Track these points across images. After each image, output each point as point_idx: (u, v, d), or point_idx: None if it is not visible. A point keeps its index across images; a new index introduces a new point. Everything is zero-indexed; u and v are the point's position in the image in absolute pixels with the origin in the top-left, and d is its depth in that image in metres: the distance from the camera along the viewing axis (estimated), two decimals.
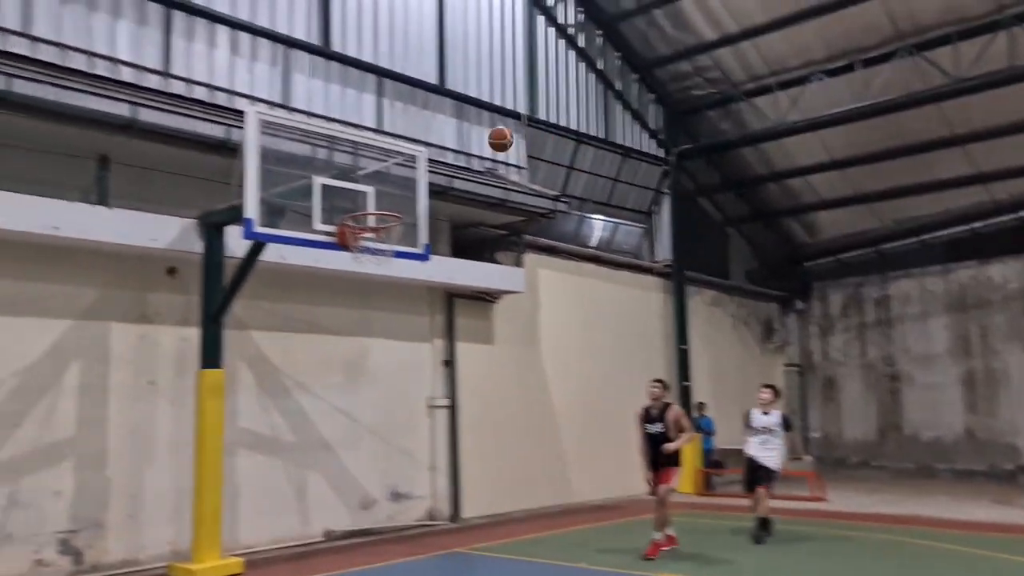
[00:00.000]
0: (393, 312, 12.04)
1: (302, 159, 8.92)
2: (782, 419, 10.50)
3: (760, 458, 10.28)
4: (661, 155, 17.76)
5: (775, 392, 10.75)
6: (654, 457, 9.35)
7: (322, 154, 9.67)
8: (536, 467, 13.71)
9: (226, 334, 9.10)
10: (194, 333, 9.19)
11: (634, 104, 17.27)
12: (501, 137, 9.87)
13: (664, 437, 9.30)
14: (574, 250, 15.49)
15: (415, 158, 9.07)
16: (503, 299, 13.40)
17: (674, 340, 17.19)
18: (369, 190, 8.54)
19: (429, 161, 9.40)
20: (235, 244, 8.76)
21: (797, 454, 11.13)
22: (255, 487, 10.08)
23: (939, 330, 19.29)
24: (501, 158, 14.02)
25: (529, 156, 14.72)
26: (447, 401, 12.55)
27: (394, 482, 11.74)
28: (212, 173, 9.12)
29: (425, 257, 9.05)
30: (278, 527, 10.29)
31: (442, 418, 12.50)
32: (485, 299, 13.21)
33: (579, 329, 15.12)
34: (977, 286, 18.87)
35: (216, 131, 9.21)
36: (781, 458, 10.41)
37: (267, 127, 8.11)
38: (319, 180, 8.24)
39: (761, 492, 10.20)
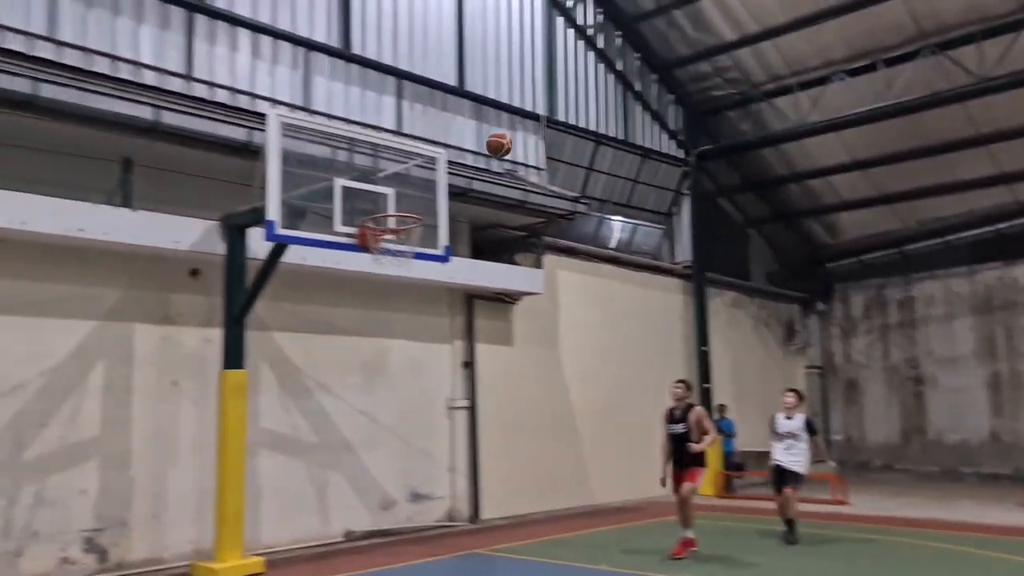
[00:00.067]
0: (413, 313, 12.08)
1: (323, 161, 8.98)
2: (806, 423, 10.53)
3: (785, 463, 10.33)
4: (681, 156, 17.69)
5: (799, 396, 10.79)
6: (678, 456, 9.37)
7: (342, 156, 9.74)
8: (556, 468, 13.69)
9: (248, 335, 9.17)
10: (217, 334, 9.27)
11: (653, 105, 17.23)
12: (499, 141, 9.60)
13: (687, 437, 9.31)
14: (593, 251, 15.46)
15: (435, 160, 9.10)
16: (522, 300, 13.41)
17: (694, 342, 17.12)
18: (389, 192, 8.58)
19: (449, 163, 9.44)
20: (257, 246, 8.83)
21: (820, 456, 11.02)
22: (276, 487, 10.14)
23: (964, 332, 19.06)
24: (520, 160, 14.06)
25: (548, 157, 14.71)
26: (467, 402, 12.57)
27: (414, 483, 11.78)
28: (234, 175, 9.19)
29: (445, 259, 9.07)
30: (299, 527, 10.35)
31: (462, 419, 12.52)
32: (504, 300, 13.22)
33: (598, 331, 15.09)
34: (1002, 287, 18.62)
35: (238, 134, 9.29)
36: (806, 463, 10.42)
37: (288, 129, 8.17)
38: (339, 182, 8.29)
39: (789, 493, 10.23)
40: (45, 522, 8.35)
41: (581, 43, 15.77)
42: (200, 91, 10.16)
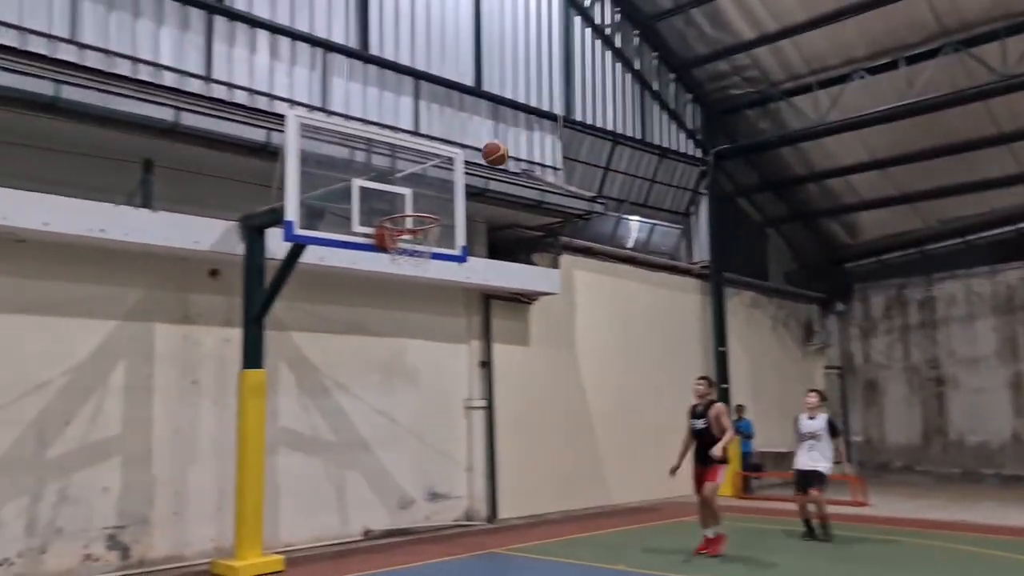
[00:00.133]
0: (430, 313, 12.11)
1: (341, 162, 9.02)
2: (828, 424, 10.56)
3: (807, 465, 10.39)
4: (699, 155, 17.63)
5: (821, 396, 10.87)
6: (700, 454, 9.40)
7: (360, 157, 9.77)
8: (573, 468, 13.68)
9: (267, 335, 9.23)
10: (236, 334, 9.33)
11: (671, 104, 17.17)
12: (494, 152, 9.23)
13: (706, 432, 9.36)
14: (610, 251, 15.43)
15: (452, 160, 9.12)
16: (539, 300, 13.40)
17: (712, 342, 17.04)
18: (407, 192, 8.61)
19: (466, 163, 9.45)
20: (276, 246, 8.87)
21: (839, 458, 10.96)
22: (296, 486, 10.19)
23: (986, 332, 18.86)
24: (537, 159, 14.07)
25: (565, 157, 14.70)
26: (484, 402, 12.58)
27: (432, 482, 11.81)
28: (253, 176, 9.27)
29: (462, 259, 9.09)
30: (318, 526, 10.40)
31: (479, 419, 12.53)
32: (521, 300, 13.22)
33: (615, 331, 15.05)
34: None
35: (257, 135, 9.34)
36: (829, 463, 10.44)
37: (306, 130, 8.21)
38: (357, 182, 8.32)
39: (815, 495, 10.32)
40: (68, 519, 8.44)
41: (598, 42, 15.74)
42: (219, 92, 10.25)
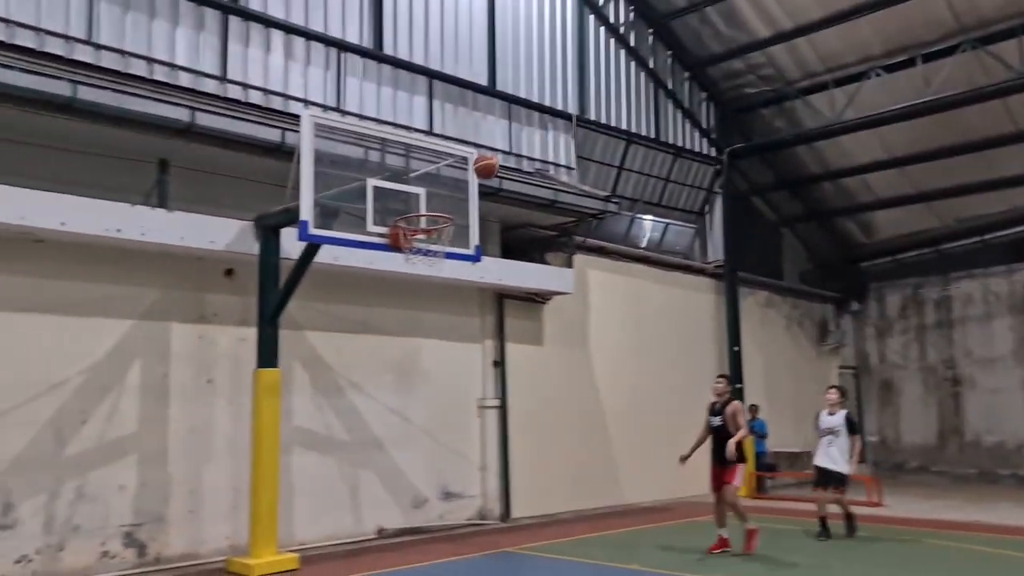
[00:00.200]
0: (444, 313, 12.12)
1: (355, 161, 9.03)
2: (846, 420, 10.62)
3: (826, 464, 10.50)
4: (713, 154, 17.56)
5: (841, 392, 10.98)
6: (717, 452, 9.41)
7: (374, 156, 9.77)
8: (586, 468, 13.66)
9: (281, 334, 9.26)
10: (251, 333, 9.37)
11: (685, 103, 17.11)
12: (487, 168, 8.99)
13: (723, 430, 9.40)
14: (624, 251, 15.39)
15: (466, 159, 9.12)
16: (553, 300, 13.38)
17: (726, 342, 16.97)
18: (421, 192, 8.62)
19: None
20: (290, 246, 8.91)
21: (855, 455, 10.91)
22: (310, 485, 10.23)
23: (1003, 332, 18.69)
24: (551, 159, 14.06)
25: (579, 156, 14.67)
26: (497, 401, 12.59)
27: (445, 481, 11.82)
28: (268, 176, 9.31)
29: (476, 258, 9.09)
30: (332, 524, 10.43)
31: (492, 418, 12.54)
32: (535, 300, 13.21)
33: (629, 330, 15.02)
34: None
35: (272, 135, 9.37)
36: (847, 460, 10.47)
37: (321, 130, 8.24)
38: (372, 182, 8.34)
39: (838, 496, 10.55)
40: (85, 517, 8.50)
41: (612, 41, 15.70)
42: (234, 92, 10.30)
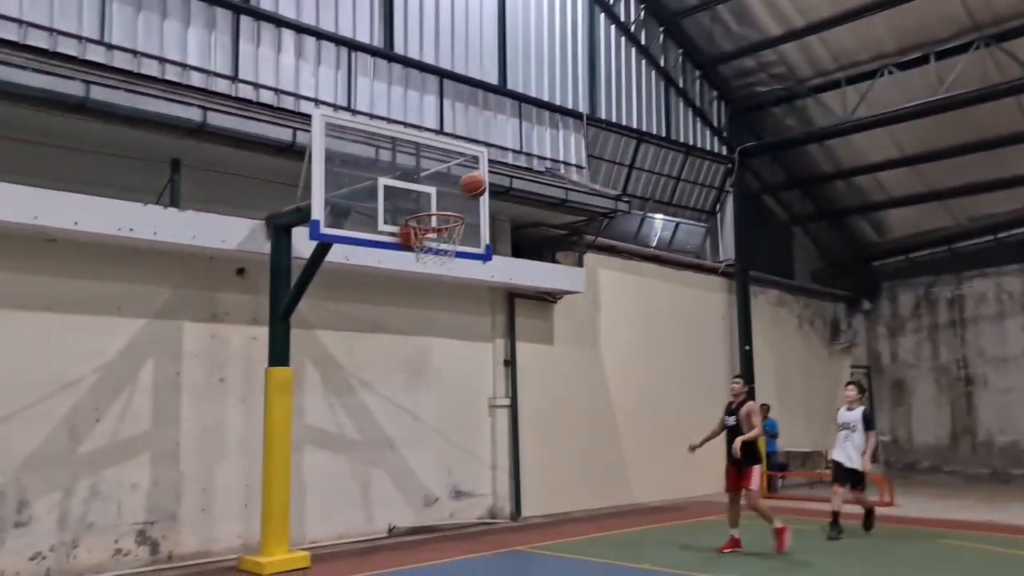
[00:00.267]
0: (455, 312, 12.13)
1: (366, 161, 9.06)
2: (863, 416, 10.70)
3: (844, 461, 10.61)
4: (724, 153, 17.51)
5: (859, 389, 11.17)
6: (731, 451, 9.42)
7: (385, 155, 9.79)
8: (596, 467, 13.65)
9: (293, 333, 9.28)
10: (262, 332, 9.40)
11: (696, 101, 17.06)
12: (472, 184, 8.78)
13: (737, 430, 9.43)
14: (635, 250, 15.36)
15: (476, 158, 9.12)
16: (563, 299, 13.37)
17: (737, 341, 16.93)
18: (431, 191, 8.62)
19: (490, 161, 9.44)
20: (302, 245, 8.92)
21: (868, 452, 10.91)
22: (321, 483, 10.26)
23: (1016, 331, 18.56)
24: (562, 158, 14.05)
25: (589, 155, 14.66)
26: (508, 400, 12.59)
27: (456, 480, 11.84)
28: (279, 175, 9.34)
29: (487, 257, 9.09)
30: (343, 522, 10.46)
31: (503, 417, 12.54)
32: (546, 299, 13.21)
33: (639, 329, 14.99)
34: None
35: (283, 134, 9.39)
36: (861, 456, 10.54)
37: (332, 129, 8.26)
38: (382, 181, 8.35)
39: (858, 496, 10.69)
40: (99, 514, 8.56)
41: (623, 39, 15.67)
42: (246, 92, 10.33)
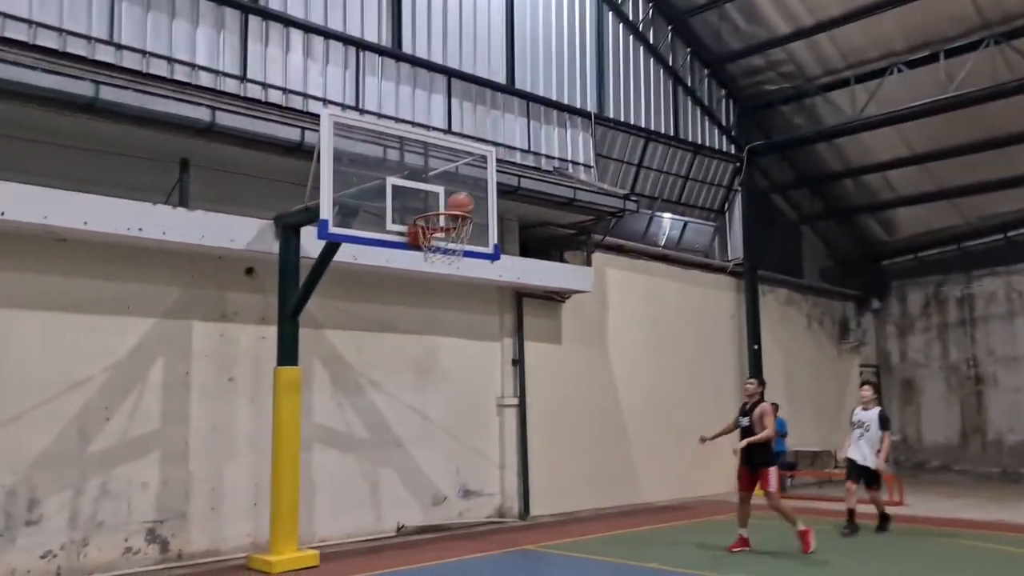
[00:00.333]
0: (463, 311, 12.13)
1: (374, 160, 9.07)
2: (879, 416, 10.82)
3: (860, 459, 10.74)
4: (733, 152, 17.46)
5: (874, 388, 11.40)
6: (747, 454, 9.47)
7: (393, 155, 9.80)
8: (605, 466, 13.64)
9: (301, 333, 9.30)
10: (271, 331, 9.43)
11: (705, 100, 17.02)
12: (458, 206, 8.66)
13: (749, 430, 9.49)
14: (643, 249, 15.34)
15: (484, 158, 9.12)
16: (571, 298, 13.36)
17: (745, 340, 16.89)
18: (439, 190, 8.63)
19: (498, 161, 9.45)
20: (310, 244, 8.95)
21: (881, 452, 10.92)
22: (330, 482, 10.28)
23: None
24: (570, 157, 14.04)
25: (598, 154, 14.63)
26: (516, 400, 12.59)
27: (465, 479, 11.84)
28: (287, 175, 9.36)
29: (495, 257, 9.09)
30: (352, 521, 10.48)
31: (511, 417, 12.54)
32: (554, 298, 13.20)
33: (648, 329, 14.97)
34: None
35: (291, 134, 9.40)
36: (875, 453, 10.67)
37: (340, 129, 8.26)
38: (391, 181, 8.36)
39: (873, 495, 10.87)
40: (109, 513, 8.59)
41: (631, 38, 15.65)
42: (254, 92, 10.35)
